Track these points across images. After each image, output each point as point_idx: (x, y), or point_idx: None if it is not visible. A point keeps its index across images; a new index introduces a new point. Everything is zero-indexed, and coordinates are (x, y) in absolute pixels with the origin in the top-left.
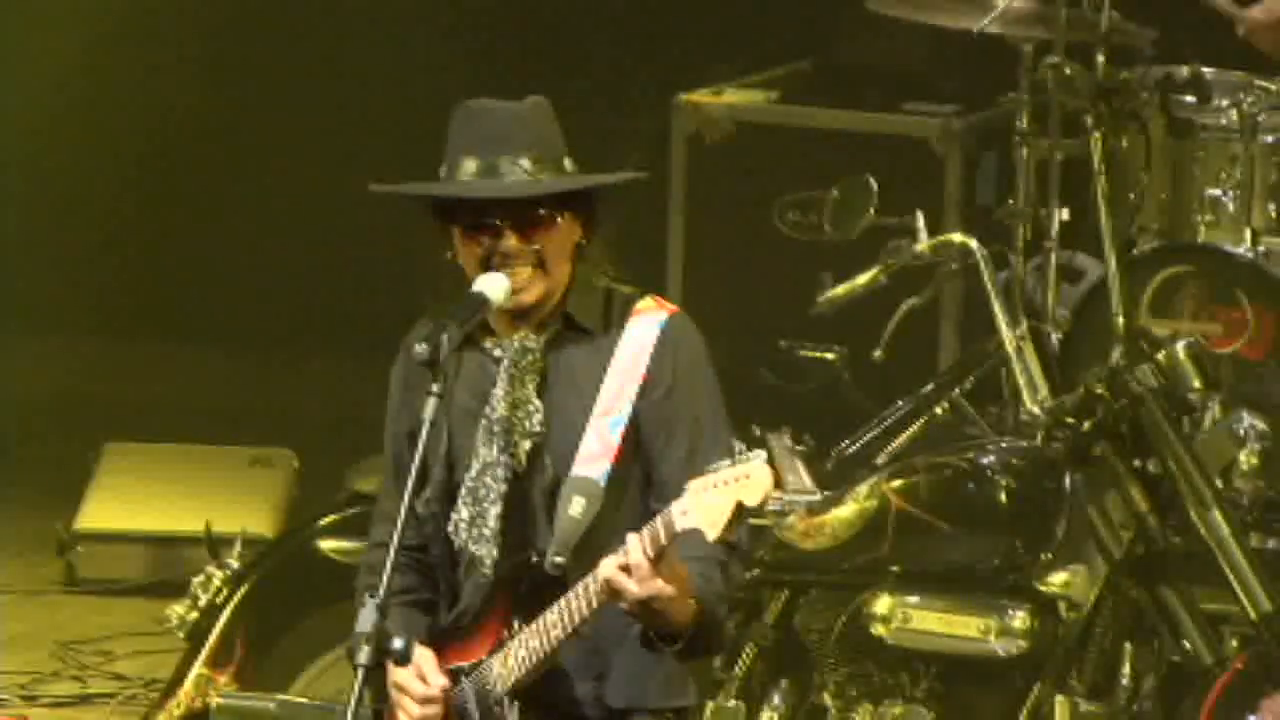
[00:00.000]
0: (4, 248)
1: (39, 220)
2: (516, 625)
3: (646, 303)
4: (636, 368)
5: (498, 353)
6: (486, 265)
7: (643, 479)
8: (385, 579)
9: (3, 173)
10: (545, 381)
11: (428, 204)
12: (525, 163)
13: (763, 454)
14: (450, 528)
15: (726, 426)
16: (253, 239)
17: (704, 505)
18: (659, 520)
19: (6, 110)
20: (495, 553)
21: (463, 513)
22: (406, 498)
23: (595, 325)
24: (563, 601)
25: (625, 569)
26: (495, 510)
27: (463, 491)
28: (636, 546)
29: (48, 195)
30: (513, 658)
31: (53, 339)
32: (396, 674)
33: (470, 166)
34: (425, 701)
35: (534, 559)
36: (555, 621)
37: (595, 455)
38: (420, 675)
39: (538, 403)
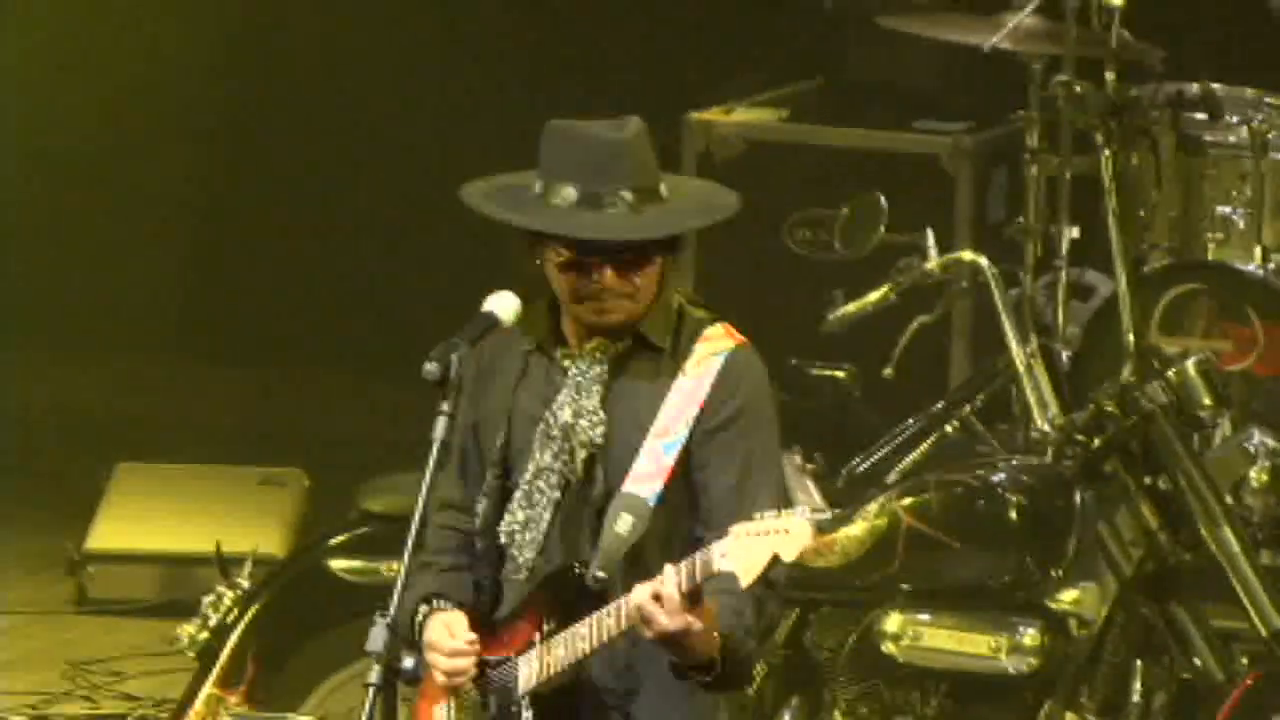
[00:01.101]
0: (17, 266)
1: (51, 240)
2: (547, 631)
3: (716, 329)
4: (698, 393)
5: (566, 363)
6: (578, 296)
7: (690, 504)
8: (397, 596)
9: (15, 192)
10: (609, 393)
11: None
12: (627, 195)
13: (805, 509)
14: (504, 528)
15: (778, 464)
16: (264, 258)
17: (743, 551)
18: (697, 557)
19: (21, 129)
20: (538, 558)
21: (518, 515)
22: (423, 493)
23: (665, 344)
24: (595, 617)
25: (657, 598)
26: (547, 516)
27: (518, 494)
28: (672, 578)
29: (60, 215)
30: (538, 661)
31: (64, 358)
32: (429, 629)
33: (568, 194)
34: (454, 654)
35: (577, 569)
36: (585, 635)
37: (648, 475)
38: (449, 630)
39: (601, 414)
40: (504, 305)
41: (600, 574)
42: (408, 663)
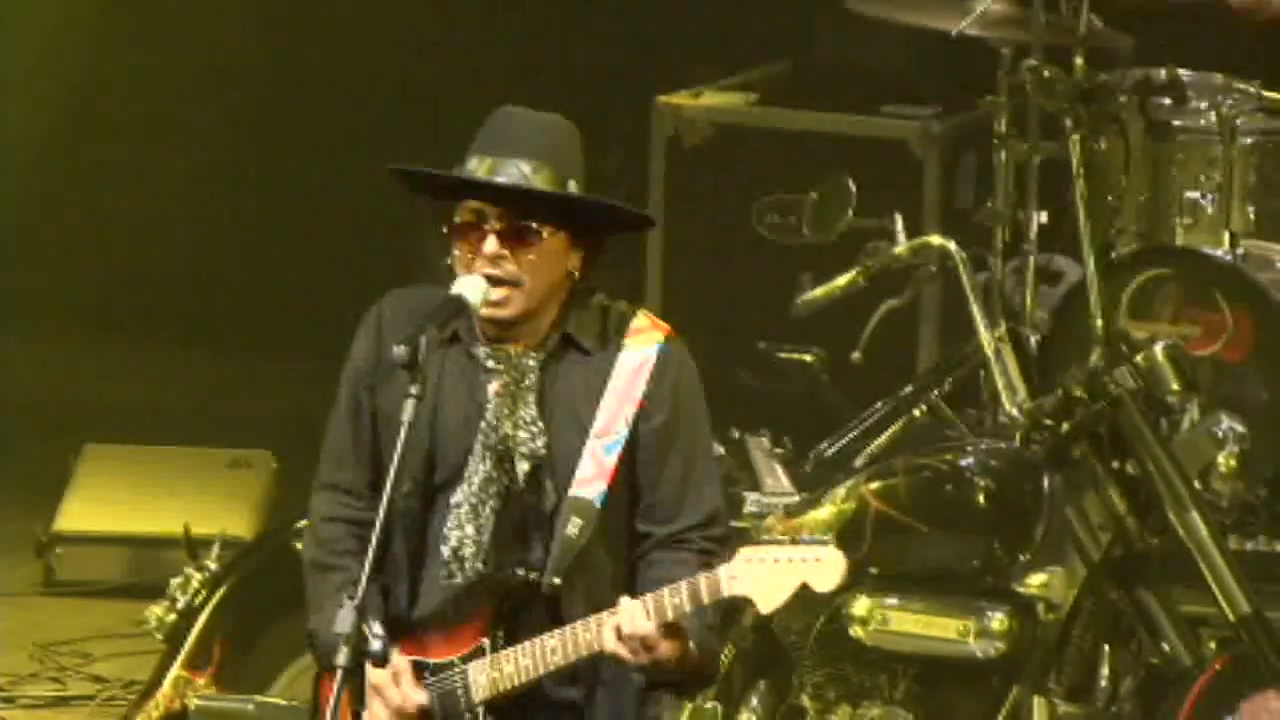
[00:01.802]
0: None
1: (21, 222)
2: (499, 638)
3: (642, 321)
4: (634, 390)
5: (491, 363)
6: (470, 269)
7: (630, 501)
8: (365, 577)
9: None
10: (543, 399)
11: (431, 200)
12: (524, 166)
13: (831, 540)
14: (449, 542)
15: (714, 454)
16: (231, 241)
17: (760, 577)
18: (701, 580)
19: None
20: (483, 566)
21: (459, 526)
22: (386, 493)
23: (593, 344)
24: (569, 631)
25: (627, 638)
26: (490, 526)
27: (463, 507)
28: (640, 618)
29: (32, 199)
30: (496, 671)
31: (31, 341)
32: (374, 674)
33: (474, 163)
34: (400, 714)
35: (529, 577)
36: (555, 648)
37: (591, 477)
38: (397, 683)
39: (540, 424)
40: (471, 287)
41: (556, 580)
42: (375, 645)
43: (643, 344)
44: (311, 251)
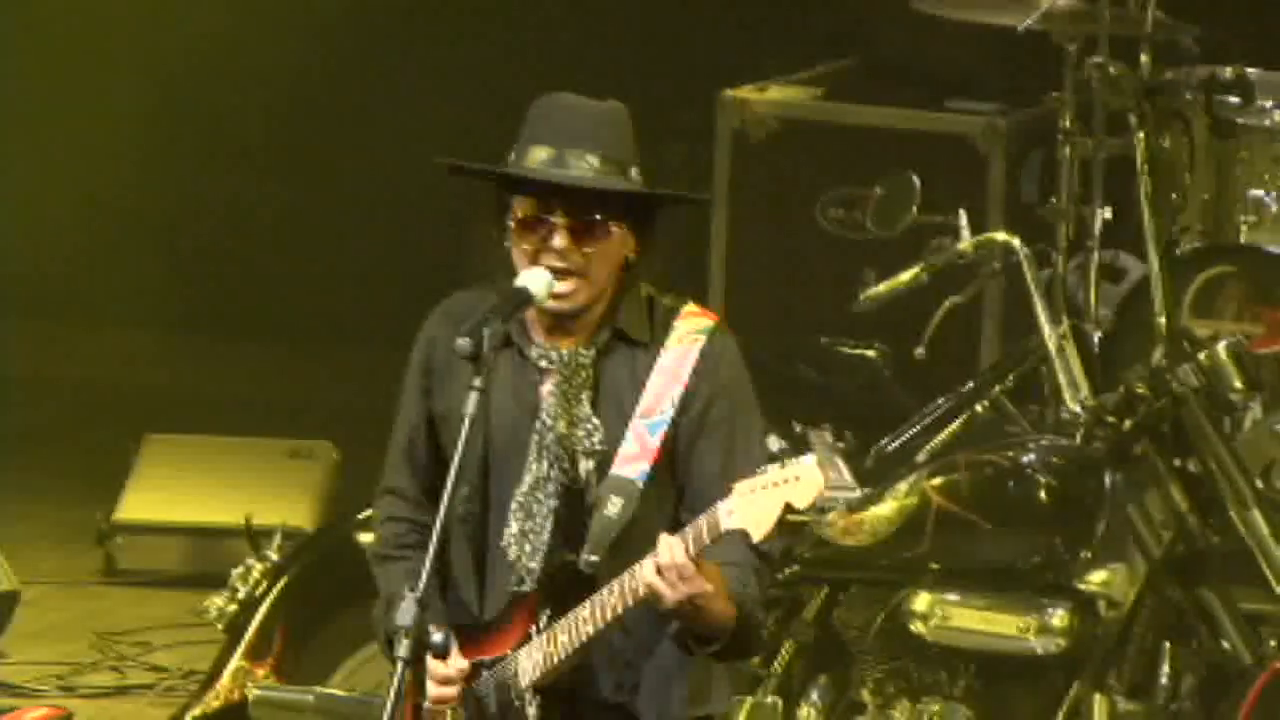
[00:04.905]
0: (48, 244)
1: (82, 214)
2: (544, 622)
3: (691, 308)
4: (680, 371)
5: (544, 363)
6: (534, 262)
7: (673, 491)
8: (425, 572)
9: (46, 173)
10: (596, 395)
11: (490, 190)
12: (593, 160)
13: (812, 457)
14: (503, 542)
15: (760, 439)
16: (295, 233)
17: (751, 506)
18: (703, 520)
19: (56, 112)
20: (541, 565)
21: (513, 526)
22: (449, 489)
23: (642, 336)
24: (595, 599)
25: (665, 569)
26: (549, 526)
27: (514, 506)
28: (678, 547)
29: (96, 190)
30: (538, 651)
31: (94, 331)
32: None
33: (539, 155)
34: (444, 682)
35: (569, 558)
36: (586, 618)
37: (634, 456)
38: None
39: (596, 421)
40: (536, 280)
41: (593, 558)
42: (437, 636)
43: (691, 329)
44: (375, 242)
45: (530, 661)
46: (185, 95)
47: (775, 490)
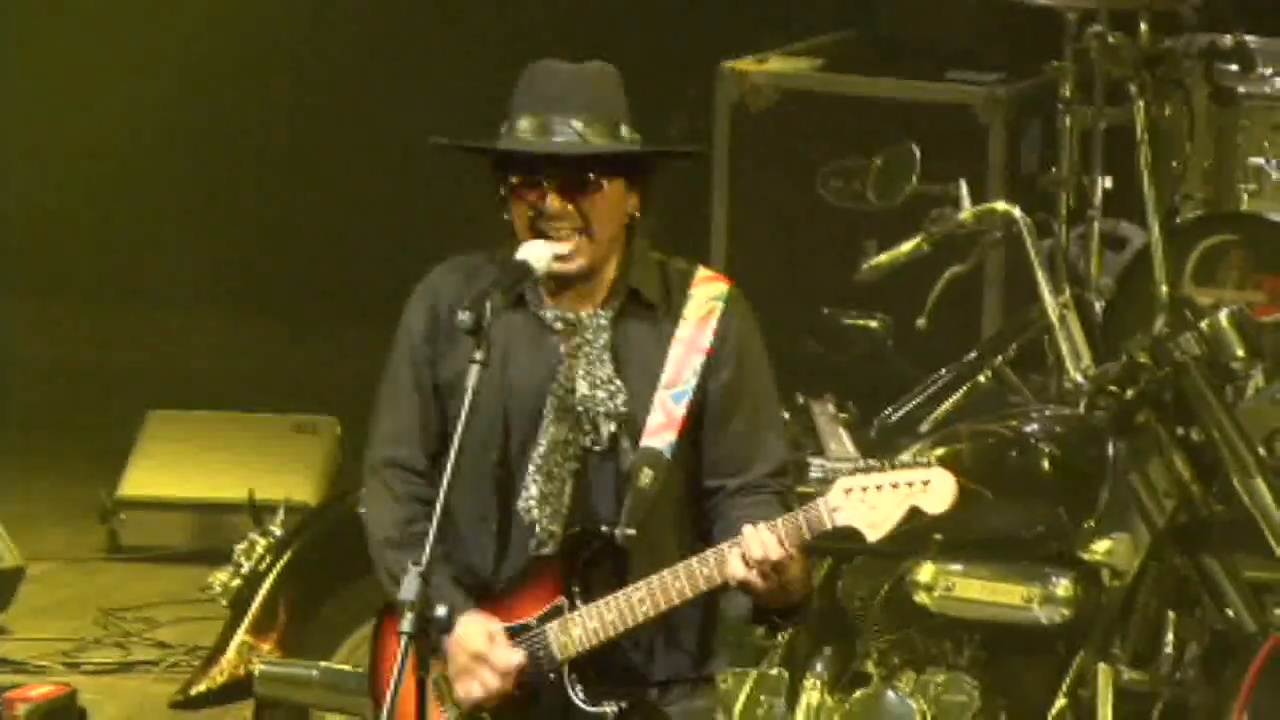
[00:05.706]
0: (50, 223)
1: (84, 197)
2: (577, 594)
3: (704, 273)
4: (700, 339)
5: (559, 324)
6: (533, 227)
7: (696, 455)
8: (429, 545)
9: (52, 153)
10: (616, 357)
11: (487, 163)
12: (577, 124)
13: (932, 460)
14: (522, 505)
15: (779, 403)
16: (297, 208)
17: (864, 505)
18: (802, 516)
19: (61, 94)
20: (559, 529)
21: (533, 489)
22: (451, 461)
23: (658, 298)
24: (657, 580)
25: (757, 564)
26: (568, 488)
27: (532, 469)
28: (772, 542)
29: (107, 172)
30: (580, 628)
31: (96, 308)
32: (471, 640)
33: (524, 124)
34: (506, 674)
35: (603, 530)
36: (644, 599)
37: (660, 427)
38: (490, 639)
39: (619, 382)
40: (537, 253)
41: (631, 531)
42: (440, 611)
43: (707, 294)
44: (375, 218)
45: (568, 636)
46: (187, 79)
47: (896, 492)
